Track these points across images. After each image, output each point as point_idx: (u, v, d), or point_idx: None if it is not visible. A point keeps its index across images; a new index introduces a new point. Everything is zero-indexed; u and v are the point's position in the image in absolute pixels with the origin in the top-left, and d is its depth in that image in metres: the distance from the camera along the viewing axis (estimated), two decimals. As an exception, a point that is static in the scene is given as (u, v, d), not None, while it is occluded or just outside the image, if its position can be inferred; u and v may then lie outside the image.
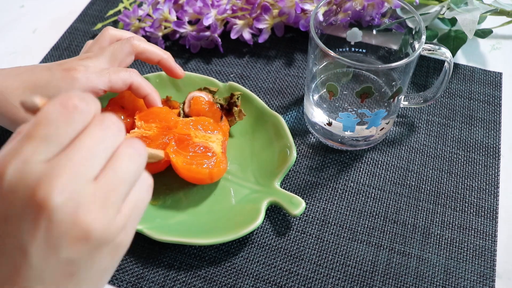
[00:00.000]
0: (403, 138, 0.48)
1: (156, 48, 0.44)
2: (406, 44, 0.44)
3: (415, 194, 0.44)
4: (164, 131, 0.41)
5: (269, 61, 0.56)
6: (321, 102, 0.46)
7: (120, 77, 0.40)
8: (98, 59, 0.41)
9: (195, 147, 0.41)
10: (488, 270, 0.40)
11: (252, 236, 0.42)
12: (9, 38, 0.60)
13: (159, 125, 0.42)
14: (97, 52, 0.42)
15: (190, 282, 0.39)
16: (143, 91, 0.42)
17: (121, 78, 0.40)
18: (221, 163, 0.41)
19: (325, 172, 0.46)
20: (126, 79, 0.40)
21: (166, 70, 0.45)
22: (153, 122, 0.42)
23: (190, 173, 0.40)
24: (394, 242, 0.41)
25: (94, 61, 0.41)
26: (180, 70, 0.45)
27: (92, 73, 0.39)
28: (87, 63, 0.40)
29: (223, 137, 0.43)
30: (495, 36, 0.58)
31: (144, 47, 0.43)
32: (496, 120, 0.50)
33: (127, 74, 0.40)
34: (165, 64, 0.45)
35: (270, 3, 0.54)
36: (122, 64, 0.42)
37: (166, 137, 0.41)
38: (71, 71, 0.39)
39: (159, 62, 0.44)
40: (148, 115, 0.42)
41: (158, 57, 0.44)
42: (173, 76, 0.46)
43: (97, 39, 0.44)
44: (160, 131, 0.41)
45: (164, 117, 0.42)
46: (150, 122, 0.42)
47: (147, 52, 0.44)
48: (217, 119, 0.44)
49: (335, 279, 0.39)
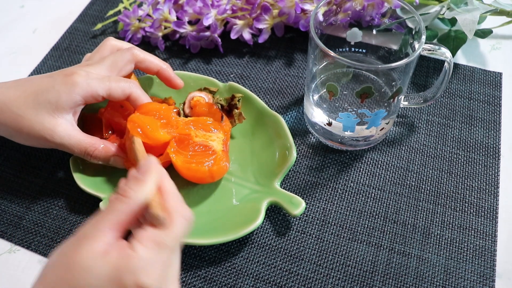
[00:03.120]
0: (403, 138, 0.48)
1: (155, 58, 0.45)
2: (406, 44, 0.44)
3: (415, 194, 0.44)
4: (165, 128, 0.41)
5: (269, 61, 0.56)
6: (321, 102, 0.46)
7: (120, 86, 0.41)
8: (99, 66, 0.42)
9: (195, 146, 0.41)
10: (488, 270, 0.40)
11: (252, 236, 0.42)
12: (9, 38, 0.60)
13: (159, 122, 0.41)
14: (98, 60, 0.43)
15: (190, 282, 0.39)
16: (141, 103, 0.42)
17: (120, 87, 0.41)
18: (221, 160, 0.41)
19: (325, 172, 0.46)
20: (125, 89, 0.41)
21: (164, 80, 0.46)
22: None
23: (190, 171, 0.40)
24: (394, 242, 0.41)
25: (95, 67, 0.42)
26: (179, 80, 0.46)
27: (93, 79, 0.40)
28: (89, 69, 0.41)
29: (224, 135, 0.43)
30: (495, 36, 0.58)
31: (144, 56, 0.44)
32: (496, 120, 0.50)
33: (127, 85, 0.41)
34: (164, 74, 0.45)
35: (270, 3, 0.54)
36: (122, 72, 0.43)
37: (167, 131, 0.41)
38: (72, 75, 0.40)
39: (157, 72, 0.45)
40: (148, 112, 0.41)
41: (157, 67, 0.45)
42: (171, 87, 0.46)
43: (98, 49, 0.45)
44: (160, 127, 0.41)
45: (165, 114, 0.42)
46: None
47: (147, 62, 0.44)
48: (218, 119, 0.44)
49: (335, 279, 0.39)
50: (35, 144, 0.41)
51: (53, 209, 0.44)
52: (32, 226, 0.43)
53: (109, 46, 0.45)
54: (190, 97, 0.46)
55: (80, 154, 0.41)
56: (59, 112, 0.39)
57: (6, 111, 0.40)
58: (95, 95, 0.40)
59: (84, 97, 0.40)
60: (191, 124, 0.42)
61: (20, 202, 0.44)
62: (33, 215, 0.43)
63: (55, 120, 0.39)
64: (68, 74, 0.40)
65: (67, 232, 0.42)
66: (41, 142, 0.40)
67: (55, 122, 0.39)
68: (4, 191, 0.45)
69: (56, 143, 0.40)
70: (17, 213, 0.44)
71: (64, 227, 0.42)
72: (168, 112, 0.42)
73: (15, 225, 0.43)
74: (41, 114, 0.39)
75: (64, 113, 0.40)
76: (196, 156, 0.40)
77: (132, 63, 0.44)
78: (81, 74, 0.40)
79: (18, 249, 0.41)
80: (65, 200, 0.44)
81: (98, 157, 0.41)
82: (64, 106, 0.39)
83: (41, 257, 0.41)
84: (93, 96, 0.40)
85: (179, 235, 0.30)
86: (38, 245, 0.41)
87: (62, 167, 0.46)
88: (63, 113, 0.40)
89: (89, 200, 0.44)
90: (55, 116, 0.39)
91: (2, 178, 0.46)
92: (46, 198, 0.44)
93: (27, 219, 0.43)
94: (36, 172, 0.46)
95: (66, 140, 0.40)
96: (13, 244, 0.42)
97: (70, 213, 0.43)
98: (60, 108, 0.39)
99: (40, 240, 0.42)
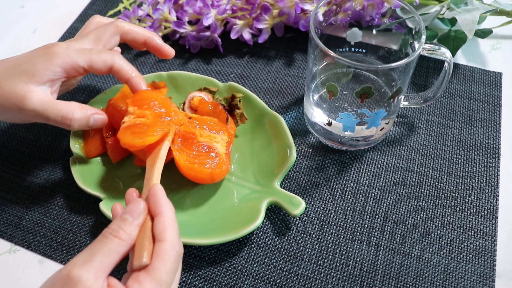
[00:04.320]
0: (403, 138, 0.48)
1: (141, 28, 0.44)
2: (406, 44, 0.44)
3: (415, 194, 0.44)
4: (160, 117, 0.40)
5: (269, 61, 0.56)
6: (321, 102, 0.46)
7: (101, 57, 0.40)
8: (83, 40, 0.41)
9: (199, 146, 0.40)
10: (488, 270, 0.40)
11: (252, 236, 0.42)
12: (9, 38, 0.60)
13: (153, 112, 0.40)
14: (82, 35, 0.42)
15: (190, 282, 0.39)
16: (124, 74, 0.41)
17: (102, 58, 0.40)
18: (224, 164, 0.40)
19: (325, 172, 0.46)
20: (107, 59, 0.40)
21: (154, 50, 0.45)
22: (148, 109, 0.40)
23: (192, 171, 0.39)
24: (394, 242, 0.41)
25: (78, 42, 0.41)
26: (169, 48, 0.45)
27: (73, 50, 0.39)
28: (70, 43, 0.40)
29: (228, 138, 0.43)
30: (495, 36, 0.58)
31: (129, 27, 0.43)
32: (496, 120, 0.50)
33: (109, 56, 0.40)
34: (152, 43, 0.44)
35: (270, 3, 0.54)
36: (107, 46, 0.42)
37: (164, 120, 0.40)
38: (52, 47, 0.39)
39: (145, 42, 0.44)
40: (141, 100, 0.40)
41: (144, 37, 0.44)
42: (162, 56, 0.45)
43: (84, 26, 0.44)
44: (156, 117, 0.40)
45: (162, 103, 0.40)
46: (144, 108, 0.40)
47: (132, 32, 0.43)
48: (223, 120, 0.44)
49: (335, 279, 0.39)
50: (10, 118, 0.40)
51: (53, 209, 0.44)
52: (32, 226, 0.43)
53: (94, 23, 0.44)
54: (190, 97, 0.46)
55: (56, 121, 0.39)
56: (34, 81, 0.38)
57: None
58: (75, 66, 0.39)
59: (63, 68, 0.39)
60: (196, 123, 0.42)
61: (20, 202, 0.44)
62: (33, 215, 0.43)
63: (28, 87, 0.38)
64: (48, 47, 0.40)
65: (67, 232, 0.42)
66: (14, 113, 0.39)
67: (27, 89, 0.38)
68: (4, 191, 0.45)
69: (28, 110, 0.38)
70: (17, 213, 0.44)
71: (64, 227, 0.42)
72: (167, 102, 0.41)
73: (15, 225, 0.43)
74: (14, 83, 0.38)
75: (39, 82, 0.38)
76: (199, 157, 0.40)
77: (117, 35, 0.43)
78: (62, 46, 0.39)
79: (18, 249, 0.41)
80: (65, 200, 0.44)
81: (77, 119, 0.39)
82: (41, 75, 0.38)
83: (41, 257, 0.41)
84: (73, 67, 0.39)
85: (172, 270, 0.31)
86: (38, 245, 0.41)
87: (62, 167, 0.46)
88: (38, 83, 0.38)
89: (89, 200, 0.44)
90: (29, 84, 0.38)
91: (2, 178, 0.46)
92: (46, 198, 0.44)
93: (27, 219, 0.43)
94: (36, 172, 0.46)
95: (39, 105, 0.38)
96: (13, 244, 0.42)
97: (70, 213, 0.43)
98: (36, 77, 0.38)
99: (40, 240, 0.42)
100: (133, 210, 0.32)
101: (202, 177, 0.40)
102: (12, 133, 0.49)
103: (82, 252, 0.30)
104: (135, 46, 0.45)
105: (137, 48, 0.46)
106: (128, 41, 0.44)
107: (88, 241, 0.42)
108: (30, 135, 0.49)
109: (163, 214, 0.32)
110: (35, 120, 0.39)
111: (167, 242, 0.31)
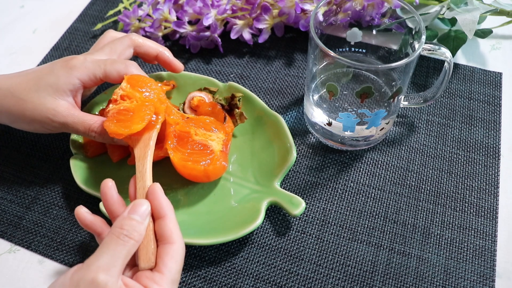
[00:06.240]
0: (403, 138, 0.48)
1: (153, 43, 0.46)
2: (406, 44, 0.44)
3: (415, 194, 0.44)
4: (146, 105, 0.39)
5: (269, 61, 0.56)
6: (321, 102, 0.46)
7: (115, 68, 0.42)
8: (98, 53, 0.43)
9: (193, 145, 0.41)
10: (488, 270, 0.40)
11: (252, 236, 0.42)
12: (9, 38, 0.60)
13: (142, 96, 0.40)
14: (97, 48, 0.45)
15: (190, 282, 0.39)
16: None
17: (115, 69, 0.42)
18: (218, 160, 0.40)
19: (325, 172, 0.46)
20: (120, 70, 0.42)
21: (164, 64, 0.47)
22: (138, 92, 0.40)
23: (186, 169, 0.40)
24: (394, 242, 0.41)
25: (94, 54, 0.43)
26: (178, 63, 0.47)
27: (89, 62, 0.41)
28: (87, 56, 0.43)
29: (225, 136, 0.43)
30: (495, 36, 0.58)
31: (143, 41, 0.46)
32: (496, 120, 0.50)
33: (122, 66, 0.42)
34: (163, 57, 0.46)
35: (270, 3, 0.54)
36: (121, 57, 0.44)
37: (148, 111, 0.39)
38: (71, 60, 0.42)
39: (157, 56, 0.46)
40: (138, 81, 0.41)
41: (156, 51, 0.46)
42: (172, 71, 0.47)
43: (99, 40, 0.47)
44: (142, 102, 0.39)
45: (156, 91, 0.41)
46: (135, 90, 0.40)
47: (145, 46, 0.45)
48: (221, 119, 0.44)
49: (335, 279, 0.39)
50: (38, 128, 0.42)
51: (53, 209, 0.44)
52: (32, 226, 0.43)
53: (109, 37, 0.47)
54: (190, 97, 0.46)
55: (84, 132, 0.41)
56: (59, 94, 0.41)
57: (9, 97, 0.41)
58: (92, 77, 0.41)
59: (82, 80, 0.41)
60: (192, 122, 0.42)
61: (20, 202, 0.44)
62: (33, 215, 0.43)
63: (57, 101, 0.41)
64: (67, 60, 0.42)
65: (67, 232, 0.42)
66: (44, 124, 0.41)
67: (57, 103, 0.41)
68: (4, 191, 0.45)
69: (60, 122, 0.41)
70: (17, 213, 0.44)
71: (64, 227, 0.42)
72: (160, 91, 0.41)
73: (15, 225, 0.43)
74: (42, 97, 0.40)
75: (64, 95, 0.41)
76: (194, 155, 0.40)
77: (131, 48, 0.45)
78: (79, 59, 0.42)
79: (18, 249, 0.41)
80: (65, 200, 0.44)
81: (102, 132, 0.41)
82: (63, 88, 0.41)
83: (41, 257, 0.41)
84: (91, 78, 0.41)
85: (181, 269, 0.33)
86: (38, 245, 0.41)
87: (62, 167, 0.46)
88: (63, 95, 0.41)
89: (89, 200, 0.44)
90: (56, 97, 0.41)
91: (2, 178, 0.46)
92: (46, 198, 0.44)
93: (27, 219, 0.43)
94: (36, 172, 0.46)
95: (70, 118, 0.41)
96: (13, 244, 0.42)
97: (70, 213, 0.43)
98: (60, 90, 0.41)
99: (40, 240, 0.42)
100: (140, 210, 0.33)
101: (196, 174, 0.40)
102: (12, 133, 0.49)
103: (101, 254, 0.31)
104: (147, 59, 0.47)
105: (148, 62, 0.48)
106: (140, 54, 0.46)
107: (88, 241, 0.42)
108: (30, 135, 0.49)
109: (168, 216, 0.34)
110: (61, 130, 0.42)
111: (177, 244, 0.33)
